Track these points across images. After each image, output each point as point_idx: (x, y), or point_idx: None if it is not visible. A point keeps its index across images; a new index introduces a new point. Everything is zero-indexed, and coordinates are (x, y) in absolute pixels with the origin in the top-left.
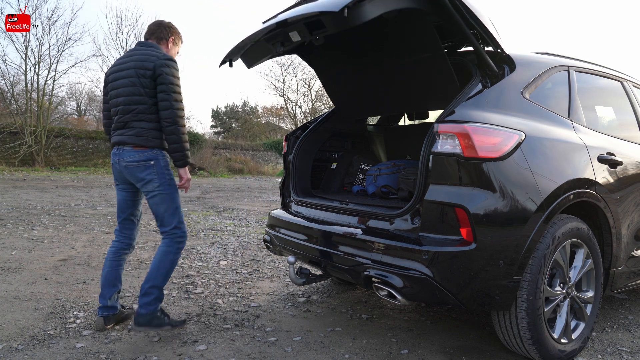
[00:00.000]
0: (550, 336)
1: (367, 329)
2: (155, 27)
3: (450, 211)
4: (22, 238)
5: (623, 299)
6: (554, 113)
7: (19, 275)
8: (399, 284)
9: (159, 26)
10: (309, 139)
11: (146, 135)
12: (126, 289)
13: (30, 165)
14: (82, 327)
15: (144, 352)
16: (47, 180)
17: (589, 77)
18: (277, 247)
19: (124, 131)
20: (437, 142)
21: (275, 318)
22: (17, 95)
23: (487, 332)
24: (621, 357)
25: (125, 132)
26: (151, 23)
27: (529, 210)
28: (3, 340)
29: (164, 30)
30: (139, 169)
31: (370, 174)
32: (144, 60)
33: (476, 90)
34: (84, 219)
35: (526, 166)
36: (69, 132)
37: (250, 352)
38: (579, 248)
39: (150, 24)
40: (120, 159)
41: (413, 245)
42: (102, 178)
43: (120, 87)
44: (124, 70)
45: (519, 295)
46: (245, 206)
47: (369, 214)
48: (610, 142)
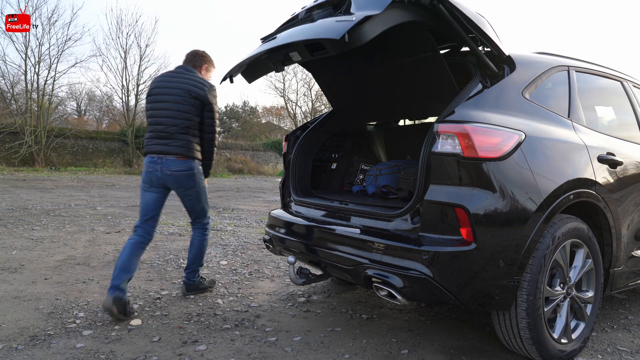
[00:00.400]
0: (550, 336)
1: (367, 329)
2: (192, 56)
3: (450, 211)
4: (22, 238)
5: (623, 299)
6: (554, 113)
7: (19, 275)
8: (399, 284)
9: (194, 55)
10: (309, 139)
11: (189, 147)
12: None
13: (30, 165)
14: (82, 327)
15: (144, 352)
16: (47, 180)
17: (589, 77)
18: (277, 247)
19: (169, 142)
20: (437, 142)
21: (275, 318)
22: (17, 95)
23: (487, 332)
24: (621, 357)
25: (170, 143)
26: (188, 52)
27: (529, 210)
28: (3, 340)
29: (199, 59)
30: (184, 177)
31: (370, 174)
32: (195, 87)
33: (476, 90)
34: (84, 219)
35: (526, 166)
36: (69, 132)
37: (250, 352)
38: (579, 248)
39: (188, 52)
40: (163, 167)
41: (413, 245)
42: (102, 178)
43: (167, 101)
44: (173, 88)
45: (519, 295)
46: (245, 206)
47: (369, 214)
48: (610, 142)
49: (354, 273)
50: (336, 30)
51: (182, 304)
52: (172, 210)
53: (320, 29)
